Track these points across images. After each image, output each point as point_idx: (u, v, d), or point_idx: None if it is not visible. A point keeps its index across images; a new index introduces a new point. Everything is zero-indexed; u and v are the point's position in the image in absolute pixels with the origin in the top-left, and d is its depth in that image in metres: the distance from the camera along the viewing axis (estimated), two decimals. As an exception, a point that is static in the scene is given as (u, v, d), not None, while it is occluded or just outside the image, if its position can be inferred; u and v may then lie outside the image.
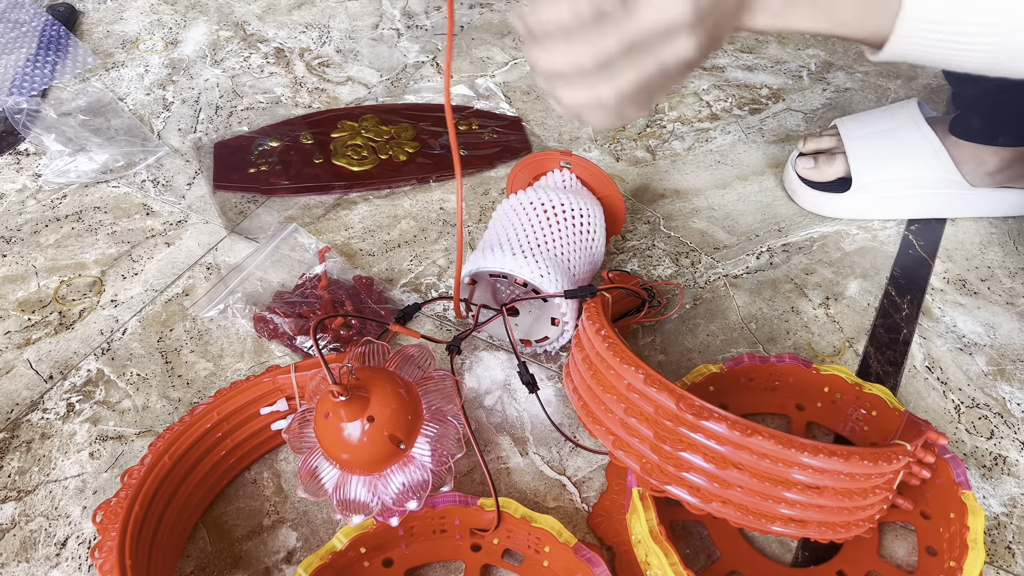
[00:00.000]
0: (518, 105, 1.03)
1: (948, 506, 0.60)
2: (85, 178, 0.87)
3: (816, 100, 1.08)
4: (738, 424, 0.47)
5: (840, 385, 0.68)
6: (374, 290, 0.76)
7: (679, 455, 0.49)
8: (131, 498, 0.54)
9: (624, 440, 0.52)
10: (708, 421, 0.48)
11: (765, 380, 0.70)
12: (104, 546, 0.52)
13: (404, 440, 0.55)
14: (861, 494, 0.50)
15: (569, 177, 0.78)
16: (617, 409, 0.53)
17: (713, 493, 0.50)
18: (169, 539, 0.57)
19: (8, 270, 0.78)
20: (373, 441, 0.53)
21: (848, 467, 0.48)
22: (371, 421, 0.53)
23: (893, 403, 0.65)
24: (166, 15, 1.13)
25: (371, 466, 0.55)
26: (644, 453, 0.51)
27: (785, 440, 0.47)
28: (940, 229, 0.90)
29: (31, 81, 0.99)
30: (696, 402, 0.48)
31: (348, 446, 0.53)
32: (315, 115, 0.98)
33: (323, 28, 1.13)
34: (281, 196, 0.88)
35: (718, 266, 0.85)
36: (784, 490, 0.49)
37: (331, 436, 0.54)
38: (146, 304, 0.76)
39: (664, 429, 0.50)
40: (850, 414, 0.69)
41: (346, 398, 0.52)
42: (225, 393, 0.63)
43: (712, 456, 0.49)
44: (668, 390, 0.49)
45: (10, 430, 0.66)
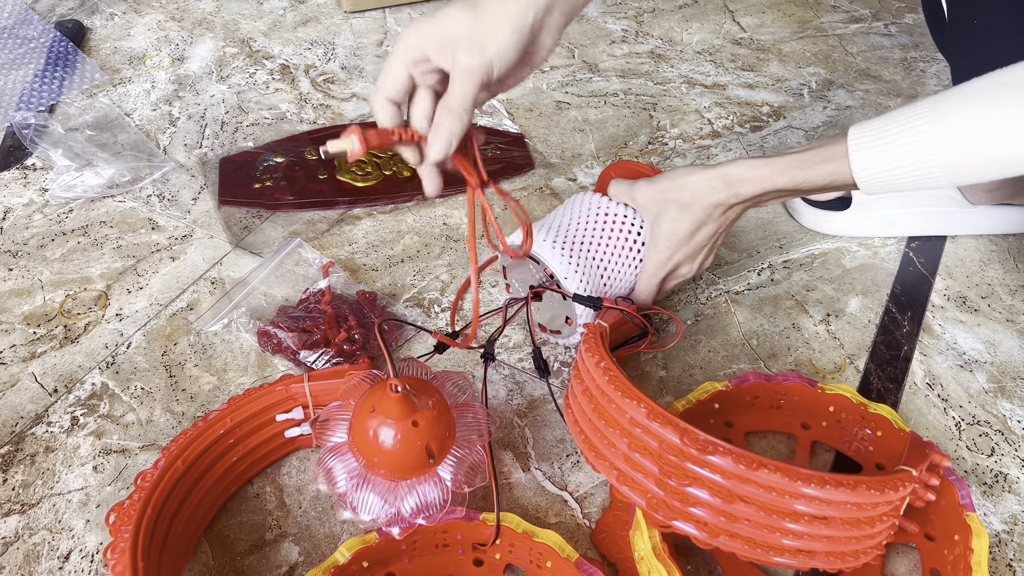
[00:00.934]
0: (521, 122, 1.04)
1: (952, 528, 0.60)
2: (91, 193, 0.88)
3: (817, 118, 1.08)
4: (743, 457, 0.47)
5: (845, 405, 0.68)
6: (377, 305, 0.77)
7: (685, 490, 0.49)
8: (144, 500, 0.55)
9: (628, 475, 0.52)
10: (713, 455, 0.48)
11: (770, 398, 0.70)
12: (117, 547, 0.52)
13: (435, 454, 0.55)
14: (869, 522, 0.50)
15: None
16: (620, 444, 0.52)
17: (720, 527, 0.49)
18: (178, 545, 0.58)
19: (14, 284, 0.79)
20: (410, 446, 0.54)
21: (855, 497, 0.48)
22: (415, 425, 0.54)
23: (898, 424, 0.65)
24: (173, 32, 1.14)
25: (399, 471, 0.55)
26: (649, 488, 0.51)
27: (791, 473, 0.47)
28: (940, 246, 0.91)
29: (39, 96, 1.00)
30: (700, 436, 0.48)
31: (385, 445, 0.54)
32: (320, 131, 0.99)
33: (328, 45, 1.14)
34: (286, 211, 0.88)
35: (719, 282, 0.85)
36: (791, 522, 0.48)
37: (371, 431, 0.54)
38: (151, 318, 0.77)
39: (669, 464, 0.50)
40: (855, 434, 0.69)
41: (402, 391, 0.52)
42: (238, 400, 0.63)
43: (718, 490, 0.49)
44: (672, 424, 0.49)
45: (15, 443, 0.67)
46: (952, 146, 0.57)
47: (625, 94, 1.10)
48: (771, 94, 1.12)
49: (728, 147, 1.02)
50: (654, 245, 0.71)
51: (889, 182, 0.60)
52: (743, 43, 1.22)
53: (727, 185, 0.66)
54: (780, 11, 1.30)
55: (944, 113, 0.57)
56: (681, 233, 0.69)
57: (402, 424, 0.53)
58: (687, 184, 0.68)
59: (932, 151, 0.57)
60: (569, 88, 1.10)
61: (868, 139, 0.60)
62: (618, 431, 0.52)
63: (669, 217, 0.69)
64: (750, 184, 0.66)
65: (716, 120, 1.07)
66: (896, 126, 0.59)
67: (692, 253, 0.71)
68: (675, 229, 0.69)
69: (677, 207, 0.69)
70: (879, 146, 0.60)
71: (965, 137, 0.56)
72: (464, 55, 0.56)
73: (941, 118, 0.57)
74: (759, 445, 0.71)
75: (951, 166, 0.57)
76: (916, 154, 0.58)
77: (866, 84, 1.15)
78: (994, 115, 0.55)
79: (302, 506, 0.64)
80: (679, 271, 0.72)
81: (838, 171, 0.62)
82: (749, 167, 0.66)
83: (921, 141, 0.58)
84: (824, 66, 1.18)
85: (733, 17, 1.28)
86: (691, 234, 0.69)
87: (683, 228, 0.69)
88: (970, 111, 0.56)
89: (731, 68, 1.16)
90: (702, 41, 1.22)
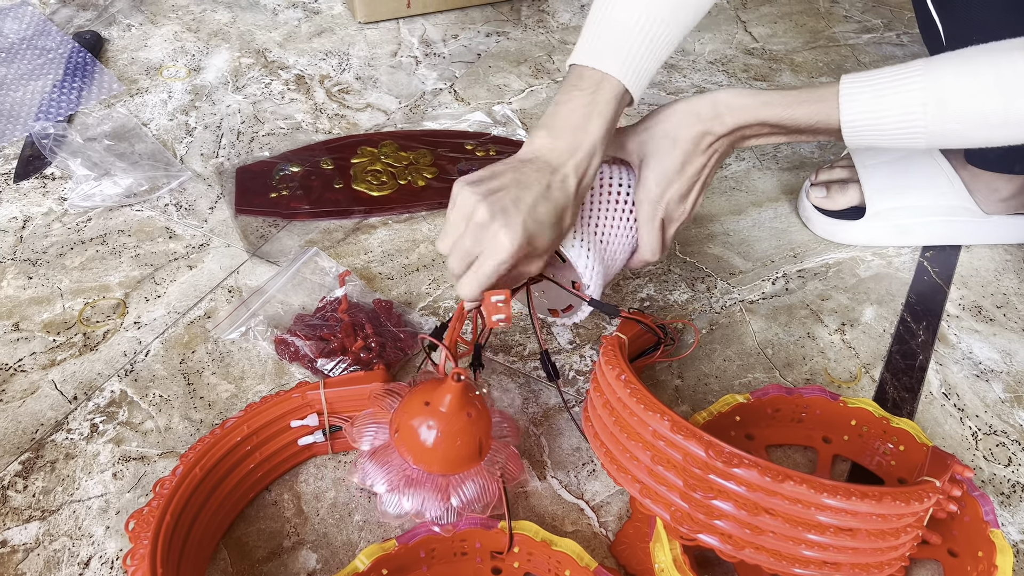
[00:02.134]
0: (534, 131, 1.04)
1: (976, 544, 0.60)
2: (109, 202, 0.89)
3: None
4: (769, 470, 0.47)
5: (867, 418, 0.68)
6: (393, 313, 0.77)
7: (710, 503, 0.49)
8: (163, 507, 0.55)
9: (651, 488, 0.52)
10: (738, 468, 0.48)
11: (791, 411, 0.70)
12: (136, 554, 0.52)
13: (483, 448, 0.56)
14: (893, 534, 0.50)
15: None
16: (643, 457, 0.52)
17: (745, 539, 0.49)
18: (197, 551, 0.58)
19: (34, 292, 0.80)
20: (466, 438, 0.55)
21: (880, 508, 0.48)
22: (470, 416, 0.55)
23: (921, 438, 0.65)
24: (189, 42, 1.15)
25: (451, 465, 0.56)
26: (673, 501, 0.51)
27: (817, 485, 0.47)
28: (955, 256, 0.91)
29: (58, 107, 1.01)
30: (726, 449, 0.48)
31: (440, 438, 0.55)
32: (335, 141, 0.99)
33: (343, 56, 1.15)
34: (302, 220, 0.89)
35: (734, 291, 0.85)
36: (817, 534, 0.48)
37: (425, 425, 0.55)
38: (169, 326, 0.78)
39: (693, 477, 0.50)
40: (877, 448, 0.68)
41: (465, 379, 0.53)
42: (255, 407, 0.64)
43: (743, 503, 0.49)
44: (696, 437, 0.49)
45: (35, 450, 0.67)
46: (941, 102, 0.58)
47: (638, 104, 1.10)
48: (784, 104, 1.12)
49: (741, 156, 1.03)
50: (643, 186, 0.68)
51: (873, 131, 0.61)
52: (755, 53, 1.22)
53: (712, 109, 0.65)
54: (792, 21, 1.30)
55: (937, 69, 0.59)
56: (670, 167, 0.66)
57: (459, 416, 0.55)
58: (671, 114, 0.66)
59: (921, 104, 0.58)
60: (582, 98, 1.11)
61: (860, 85, 0.61)
62: (640, 444, 0.52)
63: (656, 152, 0.67)
64: (735, 112, 0.64)
65: (729, 130, 1.07)
66: (889, 77, 0.60)
67: (683, 190, 0.67)
68: (663, 165, 0.66)
69: (663, 140, 0.66)
70: (870, 92, 0.60)
71: (955, 94, 0.58)
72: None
73: (935, 73, 0.59)
74: (777, 458, 0.71)
75: (937, 122, 0.59)
76: (905, 105, 0.59)
77: (879, 94, 1.15)
78: (986, 76, 0.57)
79: (320, 513, 0.64)
80: (673, 213, 0.69)
81: (825, 112, 0.62)
82: (734, 94, 0.65)
83: (912, 92, 0.59)
84: (836, 76, 1.18)
85: (745, 27, 1.28)
86: (680, 167, 0.66)
87: (671, 162, 0.66)
88: (963, 72, 0.58)
89: (743, 78, 1.17)
90: (714, 51, 1.22)
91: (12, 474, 0.65)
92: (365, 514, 0.65)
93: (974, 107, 0.58)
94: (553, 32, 1.23)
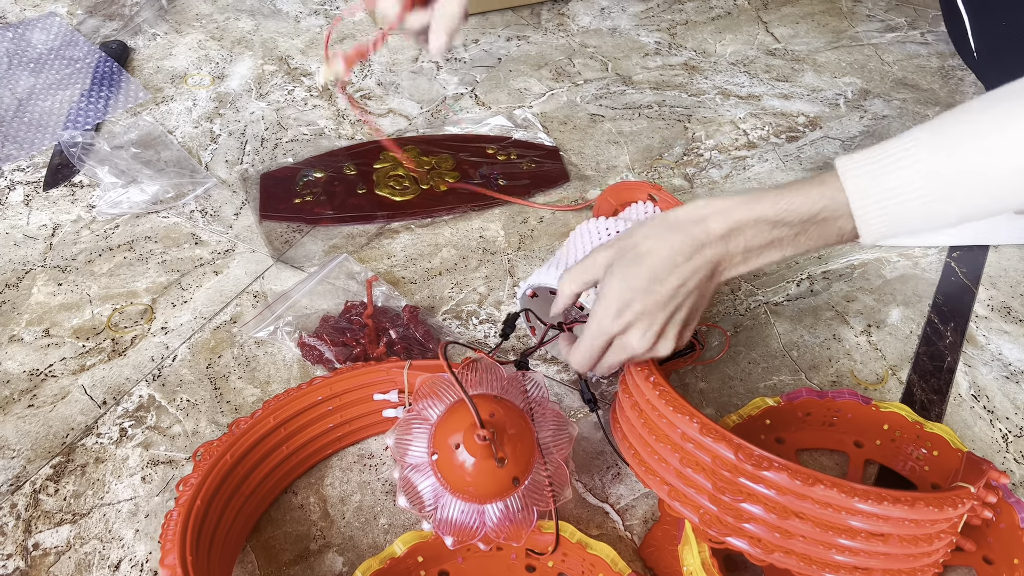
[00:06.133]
0: (556, 135, 1.05)
1: (1012, 551, 0.59)
2: (137, 209, 0.90)
3: (854, 127, 1.08)
4: (799, 473, 0.47)
5: (900, 423, 0.67)
6: (419, 319, 0.77)
7: (739, 506, 0.49)
8: (188, 505, 0.56)
9: (680, 491, 0.52)
10: (768, 471, 0.47)
11: (823, 415, 0.69)
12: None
13: (520, 478, 0.56)
14: (927, 540, 0.49)
15: (652, 210, 0.77)
16: (672, 459, 0.52)
17: (775, 543, 0.49)
18: (223, 551, 0.59)
19: (64, 298, 0.81)
20: (496, 479, 0.55)
21: (913, 514, 0.47)
22: (502, 464, 0.55)
23: (955, 443, 0.64)
24: (213, 51, 1.16)
25: (483, 498, 0.56)
26: (702, 504, 0.51)
27: (848, 488, 0.46)
28: (983, 256, 0.90)
29: (85, 115, 1.02)
30: (755, 452, 0.48)
31: (471, 477, 0.55)
32: (358, 146, 1.00)
33: (364, 61, 1.16)
34: (325, 225, 0.90)
35: (758, 293, 0.85)
36: (848, 539, 0.48)
37: (456, 465, 0.56)
38: (195, 331, 0.78)
39: (723, 480, 0.50)
40: (910, 453, 0.67)
41: (488, 439, 0.54)
42: (275, 403, 0.65)
43: (773, 506, 0.48)
44: (726, 440, 0.49)
45: (66, 454, 0.68)
46: (946, 177, 0.50)
47: (659, 106, 1.10)
48: (807, 104, 1.12)
49: (764, 157, 1.02)
50: (600, 300, 0.57)
51: (898, 235, 0.53)
52: (777, 54, 1.22)
53: (694, 213, 0.55)
54: (814, 21, 1.29)
55: (940, 135, 0.51)
56: (636, 281, 0.55)
57: (488, 462, 0.55)
58: (643, 229, 0.57)
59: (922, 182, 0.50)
60: (603, 101, 1.11)
61: (857, 164, 0.53)
62: (669, 446, 0.52)
63: (622, 265, 0.56)
64: (723, 214, 0.54)
65: (752, 131, 1.06)
66: (885, 153, 0.52)
67: (650, 310, 0.55)
68: (627, 276, 0.56)
69: (632, 254, 0.56)
70: (866, 176, 0.52)
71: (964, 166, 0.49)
72: None
73: (937, 140, 0.51)
74: (807, 462, 0.70)
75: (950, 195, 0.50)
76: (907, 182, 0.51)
77: (903, 93, 1.14)
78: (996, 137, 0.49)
79: (345, 517, 0.65)
80: (628, 337, 0.57)
81: (829, 196, 0.53)
82: (718, 198, 0.56)
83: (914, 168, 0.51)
84: (860, 76, 1.18)
85: (767, 28, 1.28)
86: (648, 282, 0.55)
87: (638, 275, 0.55)
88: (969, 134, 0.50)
89: (765, 79, 1.16)
90: (736, 52, 1.22)
91: (44, 478, 0.66)
92: (391, 517, 0.65)
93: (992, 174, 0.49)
94: (573, 36, 1.24)
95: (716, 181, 0.99)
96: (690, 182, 0.98)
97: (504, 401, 0.60)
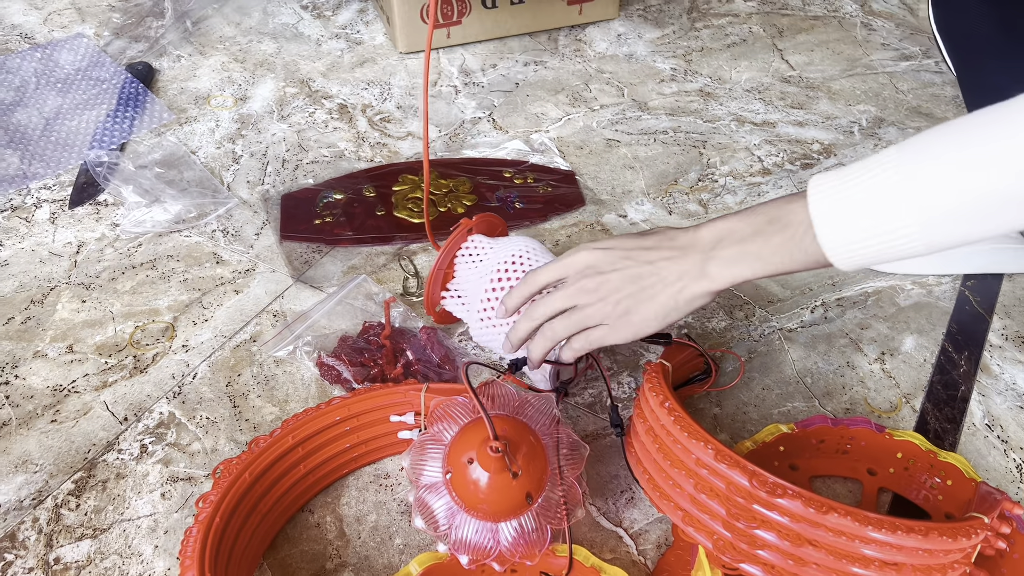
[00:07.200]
0: (572, 159, 1.06)
1: None
2: (159, 228, 0.92)
3: (868, 155, 1.08)
4: (813, 501, 0.47)
5: (914, 452, 0.67)
6: (436, 341, 0.78)
7: (753, 532, 0.49)
8: (207, 523, 0.57)
9: (694, 516, 0.52)
10: (782, 498, 0.48)
11: (836, 443, 0.70)
12: None
13: (534, 495, 0.57)
14: (940, 570, 0.49)
15: (481, 240, 0.78)
16: (686, 484, 0.53)
17: (788, 571, 0.49)
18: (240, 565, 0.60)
19: (88, 315, 0.82)
20: (510, 496, 0.56)
21: (927, 543, 0.48)
22: (515, 477, 0.56)
23: (969, 473, 0.64)
24: (236, 72, 1.18)
25: (497, 515, 0.57)
26: (716, 530, 0.51)
27: (862, 517, 0.47)
28: (997, 285, 0.90)
29: (111, 135, 1.04)
30: (770, 479, 0.49)
31: (484, 494, 0.56)
32: (377, 169, 1.02)
33: (384, 85, 1.18)
34: (345, 246, 0.91)
35: (772, 320, 0.85)
36: (861, 567, 0.48)
37: (470, 481, 0.56)
38: (215, 349, 0.80)
39: (737, 506, 0.50)
40: (923, 482, 0.68)
41: (502, 452, 0.54)
42: (294, 422, 0.66)
43: (787, 533, 0.49)
44: (740, 467, 0.50)
45: (87, 469, 0.69)
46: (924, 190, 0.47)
47: (675, 132, 1.11)
48: (821, 132, 1.12)
49: (779, 184, 1.03)
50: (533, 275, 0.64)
51: (863, 253, 0.51)
52: (792, 81, 1.23)
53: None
54: (829, 49, 1.31)
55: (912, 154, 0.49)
56: (569, 259, 0.61)
57: (502, 476, 0.55)
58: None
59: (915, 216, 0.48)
60: (619, 126, 1.12)
61: (828, 176, 0.52)
62: (684, 472, 0.52)
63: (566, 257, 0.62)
64: (707, 224, 0.58)
65: (766, 157, 1.07)
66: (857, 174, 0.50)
67: (597, 287, 0.60)
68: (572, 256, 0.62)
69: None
70: (837, 197, 0.50)
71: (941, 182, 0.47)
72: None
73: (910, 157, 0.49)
74: (821, 490, 0.70)
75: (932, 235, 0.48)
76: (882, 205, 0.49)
77: (917, 121, 1.15)
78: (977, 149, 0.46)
79: (361, 536, 0.65)
80: (586, 312, 0.61)
81: (794, 200, 0.53)
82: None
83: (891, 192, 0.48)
84: (874, 104, 1.18)
85: (782, 55, 1.29)
86: (607, 244, 0.61)
87: (576, 259, 0.61)
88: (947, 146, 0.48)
89: (780, 106, 1.17)
90: (751, 79, 1.23)
91: (66, 492, 0.67)
92: (406, 537, 0.65)
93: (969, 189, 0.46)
94: (590, 61, 1.25)
95: (731, 207, 1.00)
96: (705, 207, 0.99)
97: (517, 420, 0.60)
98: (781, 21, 1.37)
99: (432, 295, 0.76)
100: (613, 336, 0.60)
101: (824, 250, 0.51)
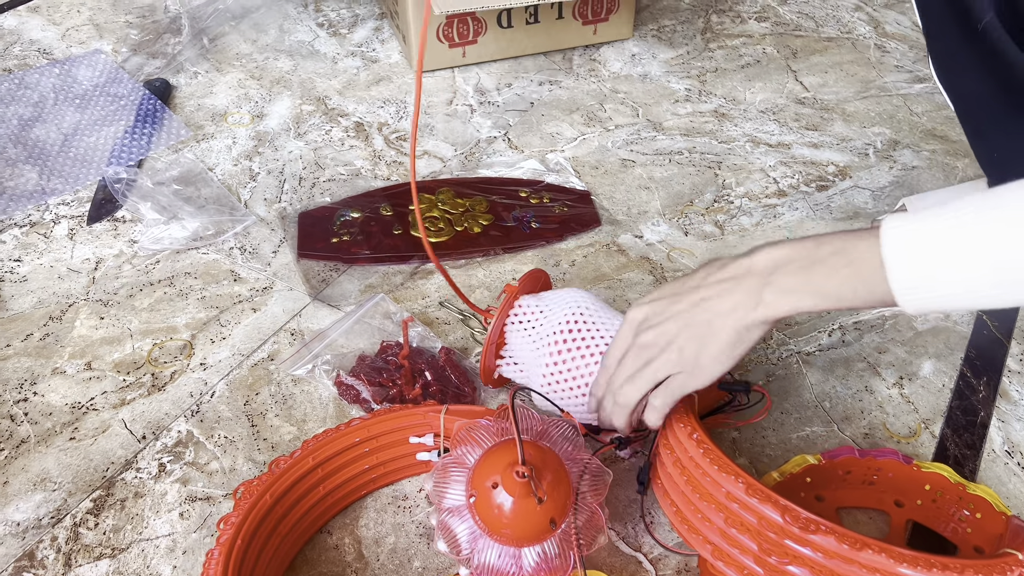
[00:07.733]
0: (587, 179, 1.06)
1: None
2: (177, 245, 0.92)
3: (883, 178, 1.09)
4: (847, 537, 0.47)
5: (942, 484, 0.67)
6: (455, 362, 0.78)
7: (785, 568, 0.49)
8: (228, 545, 0.57)
9: (724, 551, 0.52)
10: (815, 535, 0.47)
11: (863, 474, 0.69)
12: None
13: (557, 521, 0.57)
14: (974, 607, 0.49)
15: (529, 303, 0.76)
16: (716, 518, 0.52)
17: None
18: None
19: (106, 332, 0.82)
20: (535, 521, 0.56)
21: None
22: (541, 503, 0.56)
23: (999, 506, 0.63)
24: (252, 90, 1.19)
25: (521, 540, 0.57)
26: (747, 565, 0.51)
27: (896, 554, 0.46)
28: (1015, 310, 0.90)
29: (129, 152, 1.05)
30: (803, 514, 0.48)
31: (509, 519, 0.56)
32: (393, 187, 1.02)
33: (400, 104, 1.18)
34: (362, 265, 0.91)
35: (790, 343, 0.85)
36: None
37: (494, 506, 0.56)
38: (233, 368, 0.80)
39: (768, 541, 0.50)
40: (952, 514, 0.67)
41: (528, 476, 0.54)
42: (320, 438, 0.66)
43: (820, 569, 0.48)
44: (772, 501, 0.49)
45: (105, 488, 0.69)
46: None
47: (690, 152, 1.12)
48: (836, 153, 1.13)
49: (795, 206, 1.03)
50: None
51: (936, 299, 0.50)
52: (806, 103, 1.23)
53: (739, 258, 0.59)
54: (843, 71, 1.31)
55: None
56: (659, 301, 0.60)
57: (528, 501, 0.55)
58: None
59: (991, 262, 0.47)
60: (634, 146, 1.12)
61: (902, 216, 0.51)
62: (713, 505, 0.52)
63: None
64: (768, 250, 0.56)
65: (781, 179, 1.08)
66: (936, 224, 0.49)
67: (655, 340, 0.59)
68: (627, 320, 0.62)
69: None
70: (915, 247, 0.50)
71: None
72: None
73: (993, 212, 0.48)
74: (846, 521, 0.70)
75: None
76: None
77: (932, 144, 1.15)
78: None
79: (380, 559, 0.65)
80: (630, 378, 0.61)
81: (862, 234, 0.53)
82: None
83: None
84: (889, 126, 1.19)
85: (796, 77, 1.29)
86: (671, 293, 0.60)
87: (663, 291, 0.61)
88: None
89: (795, 127, 1.18)
90: (765, 100, 1.23)
91: (84, 511, 0.67)
92: (425, 560, 0.65)
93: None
94: (604, 81, 1.26)
95: (747, 228, 1.00)
96: (721, 229, 0.99)
97: (542, 445, 0.60)
98: (795, 42, 1.38)
99: (488, 365, 0.75)
100: (692, 382, 0.58)
101: (894, 292, 0.50)
